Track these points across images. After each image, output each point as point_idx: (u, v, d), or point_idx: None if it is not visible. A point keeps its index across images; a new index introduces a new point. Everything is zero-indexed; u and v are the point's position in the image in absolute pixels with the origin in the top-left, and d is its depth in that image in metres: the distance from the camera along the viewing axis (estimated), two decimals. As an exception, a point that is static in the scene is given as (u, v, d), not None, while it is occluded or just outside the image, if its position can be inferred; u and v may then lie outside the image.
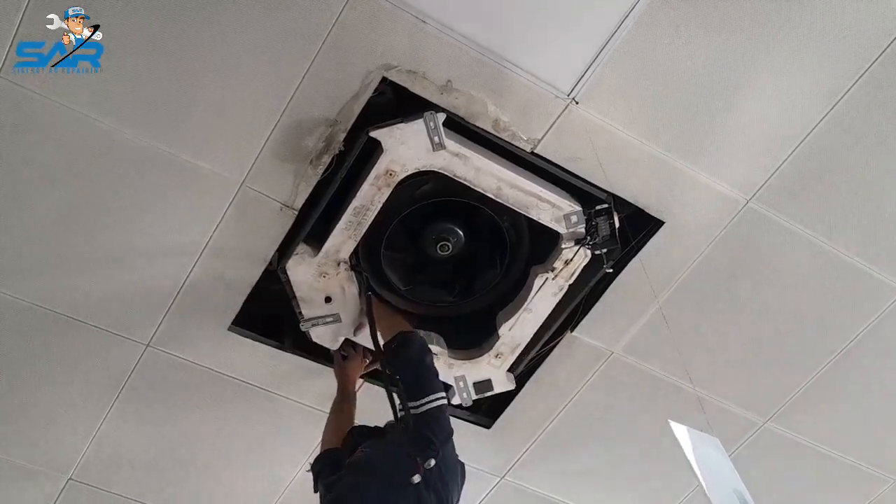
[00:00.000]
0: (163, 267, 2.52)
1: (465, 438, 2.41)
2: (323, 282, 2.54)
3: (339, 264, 2.52)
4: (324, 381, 2.78)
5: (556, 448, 3.11)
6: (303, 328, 2.60)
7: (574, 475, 3.25)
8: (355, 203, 2.38)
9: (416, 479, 2.08)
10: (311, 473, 2.40)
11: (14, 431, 2.84)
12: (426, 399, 2.24)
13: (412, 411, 2.22)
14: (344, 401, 2.63)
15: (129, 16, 2.09)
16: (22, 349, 2.65)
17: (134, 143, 2.27)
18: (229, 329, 2.68)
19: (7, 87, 2.16)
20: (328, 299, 2.58)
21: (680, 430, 2.08)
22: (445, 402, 2.27)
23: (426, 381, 2.30)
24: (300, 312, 2.58)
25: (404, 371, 2.34)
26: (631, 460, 3.24)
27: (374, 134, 2.28)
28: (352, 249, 2.50)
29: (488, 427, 3.02)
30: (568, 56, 2.27)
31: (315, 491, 2.34)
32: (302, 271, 2.52)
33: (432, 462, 2.12)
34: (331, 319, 2.60)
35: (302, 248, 2.50)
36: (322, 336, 2.63)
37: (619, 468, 3.27)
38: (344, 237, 2.45)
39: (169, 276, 2.54)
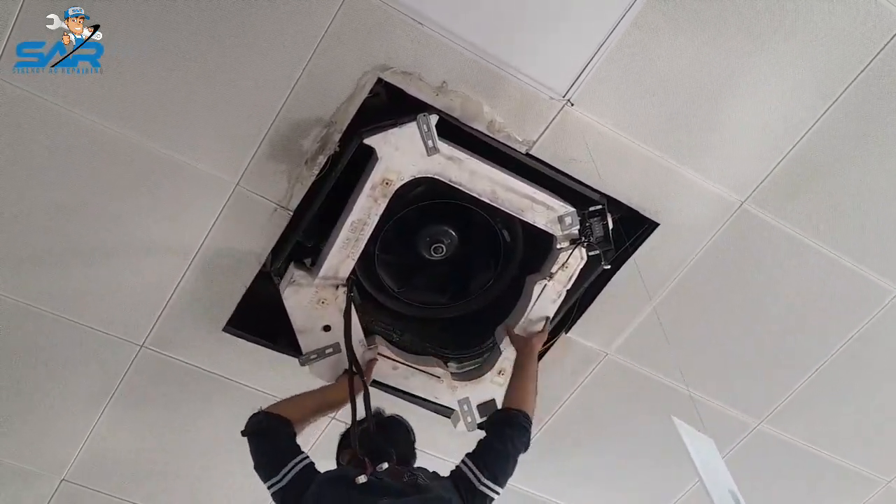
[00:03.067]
0: (157, 267, 2.52)
1: (461, 439, 2.41)
2: (321, 309, 2.45)
3: (337, 287, 2.44)
4: (318, 383, 2.77)
5: (550, 449, 3.11)
6: (301, 364, 2.53)
7: (568, 476, 3.26)
8: (353, 217, 2.33)
9: (362, 479, 2.02)
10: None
11: (7, 432, 2.83)
12: (498, 488, 2.16)
13: (480, 486, 2.12)
14: (336, 392, 2.49)
15: (129, 16, 2.09)
16: (15, 349, 2.64)
17: (130, 143, 2.27)
18: (224, 330, 2.68)
19: (5, 87, 2.15)
20: (327, 328, 2.50)
21: (682, 428, 2.08)
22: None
23: (509, 471, 2.21)
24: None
25: (502, 448, 2.22)
26: (625, 462, 3.25)
27: (367, 141, 2.25)
28: (350, 269, 2.43)
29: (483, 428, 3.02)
30: (563, 58, 2.27)
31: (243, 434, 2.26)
32: (299, 299, 2.44)
33: (385, 465, 2.07)
34: (331, 351, 2.52)
35: (298, 273, 2.43)
36: (322, 371, 2.55)
37: (613, 469, 3.27)
38: (342, 256, 2.39)
39: (163, 277, 2.54)
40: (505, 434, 2.25)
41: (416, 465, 2.29)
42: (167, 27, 2.11)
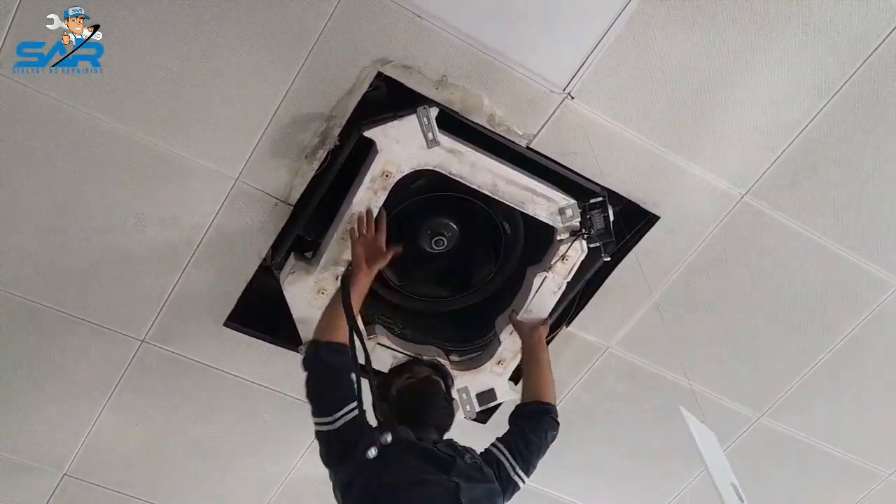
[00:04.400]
0: (158, 262, 2.52)
1: (460, 433, 2.41)
2: (321, 299, 2.45)
3: (337, 278, 2.44)
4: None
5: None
6: (301, 353, 2.49)
7: (569, 470, 3.26)
8: (353, 209, 2.34)
9: (372, 452, 1.98)
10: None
11: (8, 427, 2.83)
12: (527, 479, 2.29)
13: (514, 476, 2.21)
14: (354, 280, 2.28)
15: (129, 16, 2.08)
16: (16, 345, 2.64)
17: (130, 139, 2.27)
18: (224, 325, 2.68)
19: (6, 83, 2.15)
20: None
21: (689, 419, 2.11)
22: None
23: (538, 463, 2.34)
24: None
25: (538, 442, 2.33)
26: (626, 455, 3.25)
27: (367, 133, 2.25)
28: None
29: (484, 422, 3.02)
30: (563, 51, 2.27)
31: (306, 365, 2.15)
32: (298, 290, 2.44)
33: (389, 437, 2.02)
34: None
35: (298, 264, 2.43)
36: None
37: (613, 463, 3.28)
38: (342, 247, 2.39)
39: (164, 272, 2.54)
40: (541, 428, 2.34)
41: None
42: (166, 25, 2.11)
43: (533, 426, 2.32)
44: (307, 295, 2.46)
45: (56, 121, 2.21)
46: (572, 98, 2.34)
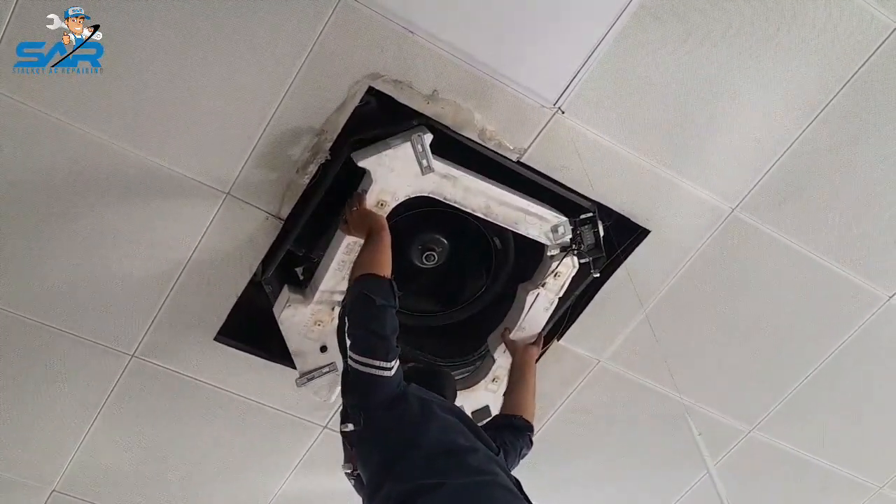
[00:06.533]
0: (148, 276, 2.51)
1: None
2: (318, 331, 2.46)
3: (333, 308, 2.45)
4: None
5: (543, 457, 3.10)
6: (298, 385, 2.52)
7: (561, 484, 3.25)
8: (348, 240, 2.34)
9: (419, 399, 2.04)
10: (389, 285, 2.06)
11: (-3, 442, 2.82)
12: None
13: None
14: (380, 236, 2.20)
15: (129, 16, 2.08)
16: (4, 359, 2.62)
17: (120, 152, 2.26)
18: (215, 339, 2.67)
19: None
20: (324, 349, 2.50)
21: (693, 426, 2.14)
22: None
23: None
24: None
25: (515, 455, 2.35)
26: (616, 469, 3.25)
27: (361, 164, 2.24)
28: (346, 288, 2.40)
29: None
30: (554, 66, 2.28)
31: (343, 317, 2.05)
32: (295, 323, 2.45)
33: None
34: (327, 370, 2.52)
35: (294, 297, 2.43)
36: (319, 389, 2.55)
37: (604, 477, 3.27)
38: (337, 278, 2.39)
39: (154, 286, 2.53)
40: (520, 442, 2.36)
41: None
42: (158, 37, 2.10)
43: (512, 439, 2.34)
44: (303, 328, 2.46)
45: (45, 131, 2.20)
46: (563, 113, 2.35)
